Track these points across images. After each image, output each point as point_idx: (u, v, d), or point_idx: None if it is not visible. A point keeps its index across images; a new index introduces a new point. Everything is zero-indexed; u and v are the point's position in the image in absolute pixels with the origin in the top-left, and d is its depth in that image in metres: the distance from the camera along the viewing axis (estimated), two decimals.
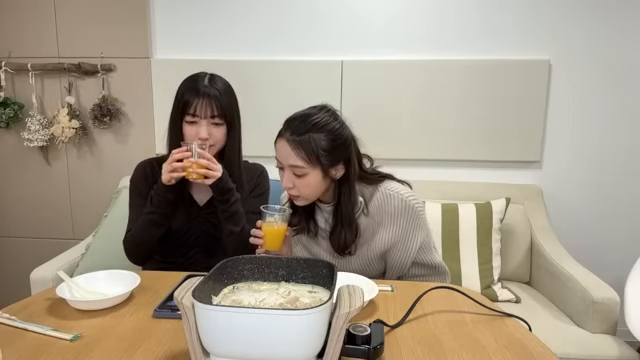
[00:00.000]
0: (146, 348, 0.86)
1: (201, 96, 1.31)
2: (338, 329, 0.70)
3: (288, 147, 1.18)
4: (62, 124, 2.40)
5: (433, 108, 2.33)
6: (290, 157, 1.18)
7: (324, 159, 1.18)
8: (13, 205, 2.63)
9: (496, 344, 0.89)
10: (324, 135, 1.18)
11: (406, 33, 2.33)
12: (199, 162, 1.27)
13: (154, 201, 1.33)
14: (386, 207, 1.27)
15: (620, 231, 2.35)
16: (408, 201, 1.26)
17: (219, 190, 1.33)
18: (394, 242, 1.28)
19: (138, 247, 1.38)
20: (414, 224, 1.27)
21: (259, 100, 2.39)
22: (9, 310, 1.01)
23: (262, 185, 1.51)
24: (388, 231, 1.28)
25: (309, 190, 1.22)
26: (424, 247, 1.30)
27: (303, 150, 1.16)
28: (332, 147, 1.19)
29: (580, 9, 2.23)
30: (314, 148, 1.16)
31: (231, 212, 1.35)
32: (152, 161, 1.46)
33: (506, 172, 2.37)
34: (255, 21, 2.39)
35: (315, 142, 1.17)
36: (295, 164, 1.18)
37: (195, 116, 1.32)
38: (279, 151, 1.21)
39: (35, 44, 2.47)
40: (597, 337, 1.69)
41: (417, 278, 1.33)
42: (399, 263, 1.30)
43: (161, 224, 1.35)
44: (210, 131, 1.34)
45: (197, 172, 1.27)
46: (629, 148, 2.31)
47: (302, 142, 1.17)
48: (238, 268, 0.88)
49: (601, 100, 2.28)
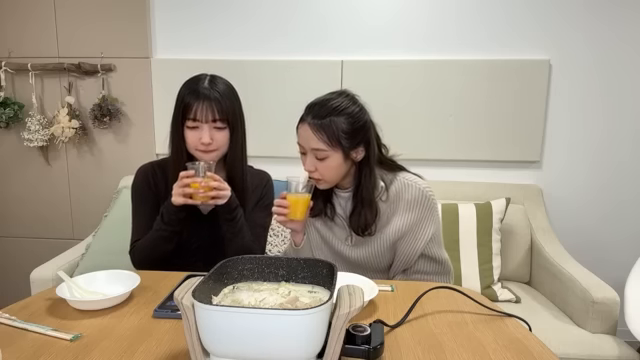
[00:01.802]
0: (146, 348, 0.86)
1: (201, 99, 1.26)
2: (338, 329, 0.70)
3: (310, 131, 1.21)
4: (62, 124, 2.40)
5: (433, 108, 2.33)
6: (312, 141, 1.21)
7: (345, 142, 1.21)
8: (13, 205, 2.63)
9: (496, 344, 0.89)
10: (344, 118, 1.22)
11: (406, 33, 2.33)
12: (209, 185, 1.22)
13: (165, 219, 1.29)
14: (403, 195, 1.30)
15: (620, 231, 2.35)
16: (425, 192, 1.30)
17: (227, 210, 1.29)
18: (406, 230, 1.30)
19: (147, 259, 1.34)
20: (428, 215, 1.30)
21: (259, 100, 2.39)
22: (9, 310, 1.01)
23: (268, 196, 1.46)
24: (402, 219, 1.30)
25: (331, 173, 1.25)
26: (434, 240, 1.32)
27: (324, 133, 1.20)
28: (352, 130, 1.22)
29: (580, 9, 2.23)
30: (335, 131, 1.20)
31: (238, 228, 1.32)
32: (153, 165, 1.42)
33: (506, 172, 2.38)
34: (255, 21, 2.39)
35: (336, 125, 1.20)
36: (317, 147, 1.21)
37: (196, 120, 1.27)
38: (301, 135, 1.25)
39: (35, 44, 2.47)
40: (597, 337, 1.69)
41: (421, 275, 1.34)
42: (408, 253, 1.31)
43: (172, 239, 1.32)
44: (213, 135, 1.28)
45: (207, 195, 1.23)
46: (629, 148, 2.31)
47: (323, 126, 1.20)
48: (238, 268, 0.88)
49: (601, 100, 2.28)
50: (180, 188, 1.23)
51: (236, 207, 1.31)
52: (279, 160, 2.46)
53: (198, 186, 1.21)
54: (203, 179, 1.22)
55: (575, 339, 1.69)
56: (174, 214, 1.28)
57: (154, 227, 1.32)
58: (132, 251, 1.38)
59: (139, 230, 1.37)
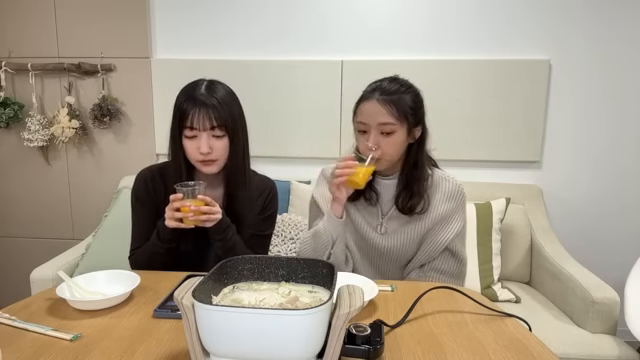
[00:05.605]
0: (146, 348, 0.86)
1: (198, 106, 1.21)
2: (338, 329, 0.70)
3: (378, 105, 1.25)
4: (62, 124, 2.40)
5: (432, 108, 2.31)
6: (381, 115, 1.24)
7: (411, 117, 1.27)
8: (13, 205, 2.63)
9: (496, 344, 0.89)
10: (410, 96, 1.28)
11: (406, 33, 2.33)
12: (200, 209, 1.18)
13: (160, 237, 1.27)
14: (441, 186, 1.35)
15: (620, 231, 2.35)
16: (460, 188, 1.36)
17: (217, 231, 1.26)
18: (438, 221, 1.33)
19: (146, 268, 1.31)
20: (460, 210, 1.35)
21: (259, 100, 2.39)
22: (9, 310, 1.01)
23: (270, 206, 1.42)
24: (437, 209, 1.33)
25: (393, 150, 1.27)
26: (460, 236, 1.35)
27: (395, 107, 1.24)
28: (416, 107, 1.29)
29: (580, 9, 2.23)
30: (403, 106, 1.25)
31: (229, 246, 1.29)
32: (152, 170, 1.39)
33: (506, 172, 2.37)
34: (255, 21, 2.39)
35: (404, 101, 1.26)
36: (386, 121, 1.24)
37: (193, 129, 1.22)
38: (366, 112, 1.27)
39: (35, 44, 2.47)
40: (597, 337, 1.69)
41: (437, 274, 1.33)
42: (435, 243, 1.32)
43: (168, 254, 1.31)
44: (211, 144, 1.24)
45: (197, 219, 1.20)
46: (629, 148, 2.31)
47: (393, 100, 1.25)
48: (238, 268, 0.88)
49: (601, 100, 2.28)
50: (170, 211, 1.20)
51: (226, 228, 1.27)
52: (279, 160, 2.47)
53: (188, 210, 1.18)
54: (193, 202, 1.18)
55: (575, 339, 1.69)
56: (169, 233, 1.26)
57: (151, 240, 1.30)
58: (131, 258, 1.37)
59: (138, 237, 1.36)
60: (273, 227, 1.46)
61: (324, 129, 2.39)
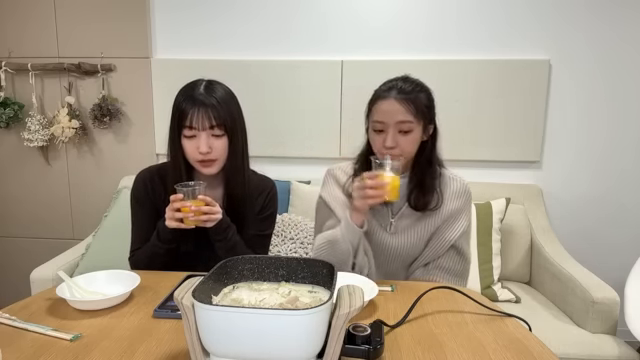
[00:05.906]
0: (146, 348, 0.86)
1: (197, 106, 1.22)
2: (338, 329, 0.70)
3: (397, 104, 1.26)
4: (62, 124, 2.40)
5: None
6: (399, 113, 1.25)
7: (427, 115, 1.30)
8: (13, 205, 2.63)
9: (496, 344, 0.89)
10: (424, 94, 1.31)
11: (406, 33, 2.33)
12: (200, 209, 1.19)
13: (160, 237, 1.28)
14: (449, 185, 1.38)
15: (620, 231, 2.35)
16: (467, 187, 1.40)
17: (217, 231, 1.26)
18: (446, 218, 1.34)
19: (146, 269, 1.31)
20: (466, 209, 1.38)
21: (259, 100, 2.39)
22: (9, 310, 1.01)
23: (270, 206, 1.42)
24: (446, 206, 1.35)
25: (411, 147, 1.29)
26: (466, 235, 1.36)
27: (413, 105, 1.26)
28: (430, 105, 1.32)
29: (580, 9, 2.23)
30: (420, 104, 1.28)
31: (230, 246, 1.29)
32: (151, 171, 1.39)
33: (506, 172, 2.37)
34: (255, 21, 2.39)
35: (420, 99, 1.29)
36: (405, 119, 1.25)
37: (192, 128, 1.23)
38: (384, 111, 1.27)
39: (35, 44, 2.47)
40: (597, 337, 1.69)
41: (441, 272, 1.33)
42: (442, 240, 1.33)
43: (168, 254, 1.31)
44: (211, 144, 1.24)
45: (197, 219, 1.20)
46: (629, 148, 2.31)
47: (410, 99, 1.27)
48: (238, 268, 0.88)
49: (601, 100, 2.28)
50: (170, 212, 1.20)
51: (226, 228, 1.27)
52: (279, 160, 2.47)
53: (188, 210, 1.18)
54: (193, 202, 1.18)
55: (575, 339, 1.69)
56: (169, 234, 1.26)
57: (151, 241, 1.30)
58: (131, 259, 1.37)
59: (138, 238, 1.36)
60: (273, 227, 1.45)
61: (324, 129, 2.39)
